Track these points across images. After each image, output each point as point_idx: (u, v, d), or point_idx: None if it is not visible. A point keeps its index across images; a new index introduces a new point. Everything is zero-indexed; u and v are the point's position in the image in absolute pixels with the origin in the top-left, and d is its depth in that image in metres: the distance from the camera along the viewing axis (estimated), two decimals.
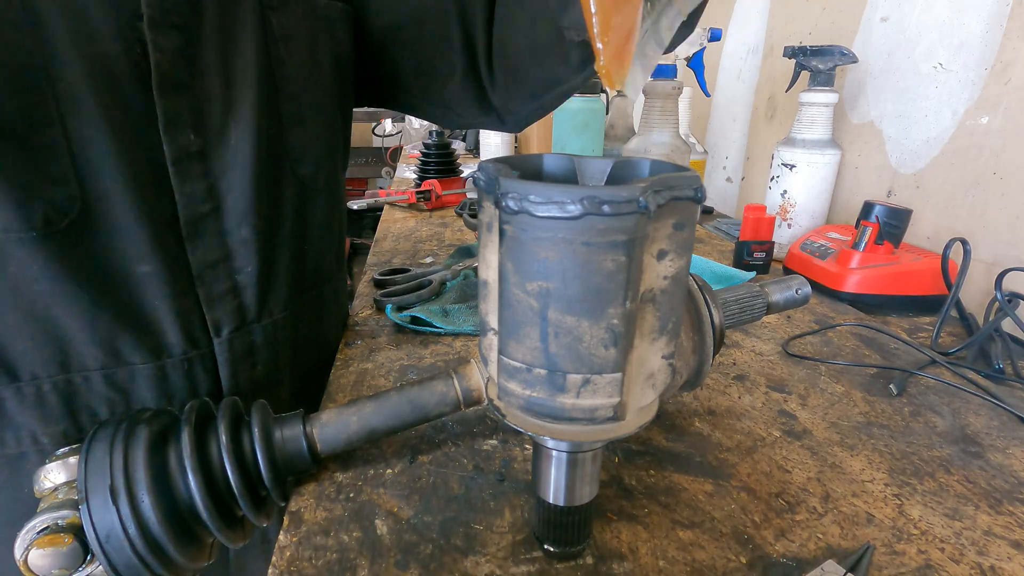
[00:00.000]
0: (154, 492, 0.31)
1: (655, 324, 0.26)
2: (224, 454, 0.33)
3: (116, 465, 0.31)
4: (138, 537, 0.30)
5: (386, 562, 0.32)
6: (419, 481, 0.39)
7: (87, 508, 0.30)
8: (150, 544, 0.31)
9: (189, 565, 0.33)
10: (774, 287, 0.45)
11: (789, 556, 0.33)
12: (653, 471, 0.40)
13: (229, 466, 0.33)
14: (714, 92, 1.30)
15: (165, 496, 0.31)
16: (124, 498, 0.30)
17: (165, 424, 0.34)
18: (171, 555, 0.31)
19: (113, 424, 0.33)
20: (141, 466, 0.31)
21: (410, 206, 1.18)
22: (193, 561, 0.33)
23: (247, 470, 0.34)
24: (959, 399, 0.51)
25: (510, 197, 0.23)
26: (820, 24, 0.96)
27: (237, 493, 0.33)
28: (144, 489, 0.31)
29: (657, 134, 0.90)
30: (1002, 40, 0.65)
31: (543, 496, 0.31)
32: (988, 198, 0.68)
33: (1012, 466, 0.42)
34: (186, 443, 0.32)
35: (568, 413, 0.26)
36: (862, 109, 0.87)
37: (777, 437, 0.45)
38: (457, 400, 0.39)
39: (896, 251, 0.70)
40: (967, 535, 0.35)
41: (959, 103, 0.71)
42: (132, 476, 0.31)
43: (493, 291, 0.26)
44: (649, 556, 0.33)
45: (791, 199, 0.86)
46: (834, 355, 0.58)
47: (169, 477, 0.32)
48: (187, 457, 0.32)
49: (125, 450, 0.31)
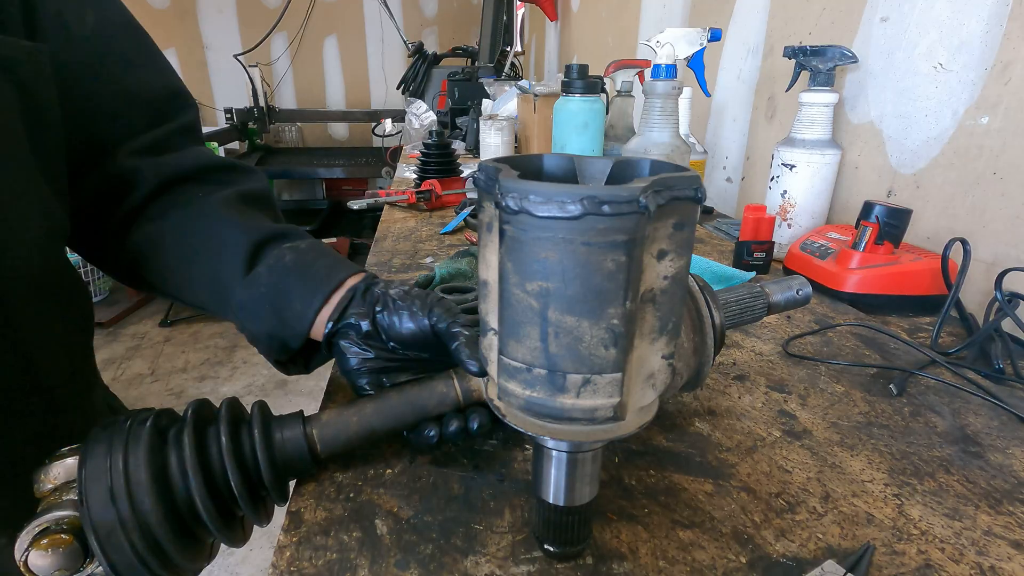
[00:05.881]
0: (154, 493, 0.31)
1: (655, 324, 0.26)
2: (224, 454, 0.33)
3: (115, 466, 0.31)
4: (138, 538, 0.30)
5: (386, 562, 0.32)
6: (419, 481, 0.39)
7: (86, 509, 0.30)
8: (150, 544, 0.31)
9: (189, 565, 0.33)
10: (775, 287, 0.45)
11: (789, 556, 0.33)
12: (653, 471, 0.40)
13: (229, 466, 0.33)
14: (714, 92, 1.30)
15: (165, 497, 0.31)
16: (124, 499, 0.30)
17: (165, 424, 0.34)
18: (171, 555, 0.31)
19: (112, 425, 0.33)
20: (141, 466, 0.31)
21: (410, 206, 1.18)
22: (193, 561, 0.33)
23: (247, 470, 0.34)
24: (959, 399, 0.51)
25: (510, 197, 0.23)
26: (820, 24, 0.96)
27: (237, 493, 0.33)
28: (144, 490, 0.31)
29: (657, 134, 0.90)
30: (1002, 40, 0.65)
31: (543, 496, 0.31)
32: (988, 198, 0.68)
33: (1012, 466, 0.42)
34: (187, 443, 0.32)
35: (568, 413, 0.26)
36: (862, 109, 0.87)
37: (777, 437, 0.45)
38: (457, 400, 0.39)
39: (896, 251, 0.70)
40: (967, 535, 0.35)
41: (959, 103, 0.71)
42: (132, 477, 0.31)
43: (493, 291, 0.26)
44: (649, 556, 0.33)
45: (791, 199, 0.85)
46: (834, 355, 0.58)
47: (169, 477, 0.32)
48: (188, 457, 0.32)
49: (125, 451, 0.31)
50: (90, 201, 0.46)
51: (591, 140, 0.99)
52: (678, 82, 0.89)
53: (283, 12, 3.55)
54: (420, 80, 2.81)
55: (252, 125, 3.57)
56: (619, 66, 1.22)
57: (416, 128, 2.16)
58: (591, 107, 0.97)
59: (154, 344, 2.79)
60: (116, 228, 0.47)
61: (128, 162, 0.46)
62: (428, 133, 1.35)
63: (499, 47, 2.58)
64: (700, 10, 1.38)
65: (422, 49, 2.87)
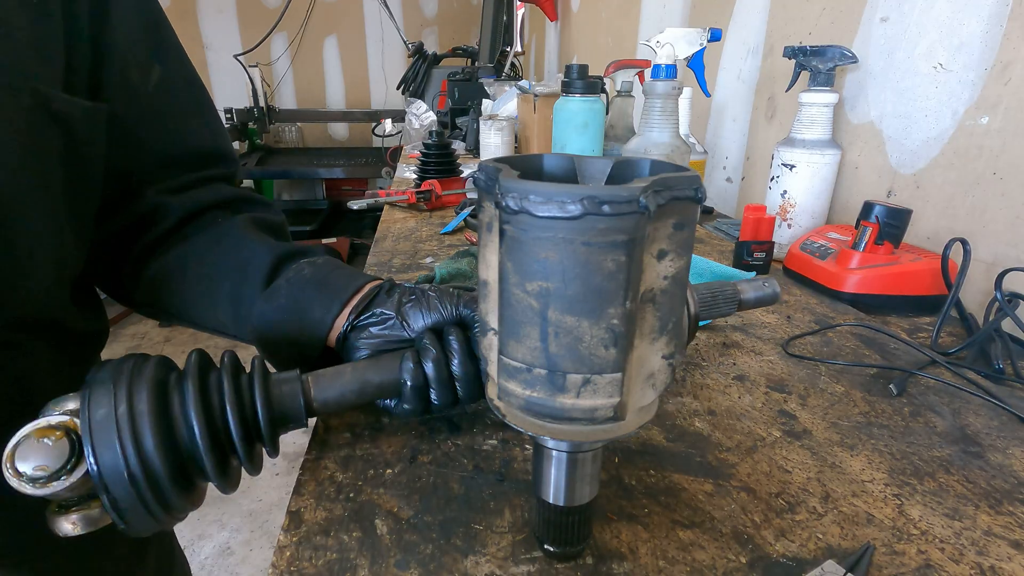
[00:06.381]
0: (155, 428, 0.30)
1: (655, 324, 0.26)
2: (227, 401, 0.33)
3: (120, 397, 0.30)
4: (139, 470, 0.29)
5: (386, 562, 0.32)
6: (419, 481, 0.39)
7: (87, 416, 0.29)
8: (150, 479, 0.30)
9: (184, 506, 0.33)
10: (746, 285, 0.46)
11: (789, 556, 0.33)
12: (653, 471, 0.40)
13: (231, 412, 0.33)
14: (714, 92, 1.30)
15: (167, 435, 0.31)
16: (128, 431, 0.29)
17: (166, 371, 0.34)
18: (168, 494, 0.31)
19: (116, 363, 0.33)
20: (145, 402, 0.31)
21: (410, 206, 1.18)
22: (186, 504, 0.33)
23: (246, 418, 0.34)
24: (959, 399, 0.51)
25: (510, 197, 0.23)
26: (820, 24, 0.96)
27: (236, 438, 0.33)
28: (146, 423, 0.30)
29: (657, 134, 0.90)
30: (1002, 40, 0.65)
31: (543, 496, 0.31)
32: (988, 198, 0.68)
33: (1012, 466, 0.42)
34: (190, 388, 0.32)
35: (568, 413, 0.26)
36: (862, 109, 0.87)
37: (777, 437, 0.45)
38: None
39: (896, 251, 0.70)
40: (967, 535, 0.35)
41: (959, 103, 0.71)
42: (135, 410, 0.30)
43: (493, 291, 0.26)
44: (649, 556, 0.33)
45: (791, 199, 0.86)
46: (834, 355, 0.58)
47: (171, 418, 0.32)
48: (192, 400, 0.32)
49: (129, 387, 0.31)
50: (114, 235, 0.47)
51: (591, 140, 0.99)
52: (678, 82, 0.89)
53: (283, 12, 3.54)
54: (420, 80, 2.81)
55: (252, 125, 3.57)
56: (619, 66, 1.22)
57: (416, 128, 2.16)
58: (591, 107, 0.97)
59: (154, 344, 2.79)
60: (137, 259, 0.47)
61: (156, 199, 0.46)
62: (428, 133, 1.35)
63: (499, 47, 2.58)
64: (700, 10, 1.38)
65: (422, 49, 2.87)
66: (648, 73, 0.94)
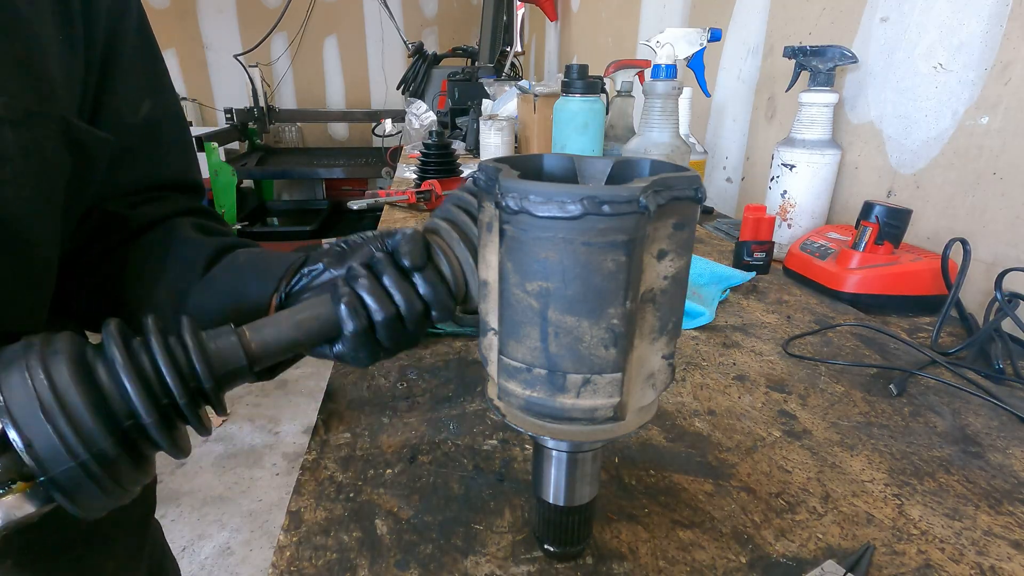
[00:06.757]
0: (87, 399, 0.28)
1: (655, 324, 0.26)
2: (157, 355, 0.31)
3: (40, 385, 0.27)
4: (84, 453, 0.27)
5: (386, 562, 0.32)
6: (419, 481, 0.39)
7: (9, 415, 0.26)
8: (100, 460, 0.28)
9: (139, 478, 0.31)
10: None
11: (789, 556, 0.33)
12: (653, 471, 0.40)
13: (166, 369, 0.30)
14: (714, 92, 1.30)
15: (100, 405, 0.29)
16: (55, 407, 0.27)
17: (80, 344, 0.31)
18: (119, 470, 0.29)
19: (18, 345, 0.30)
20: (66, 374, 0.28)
21: (410, 206, 1.18)
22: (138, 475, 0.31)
23: (182, 372, 0.32)
24: (959, 399, 0.51)
25: (510, 197, 0.23)
26: (820, 24, 0.96)
27: (177, 395, 0.31)
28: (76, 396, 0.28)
29: (657, 134, 0.90)
30: (1002, 40, 0.65)
31: (543, 496, 0.31)
32: (988, 198, 0.68)
33: (1012, 466, 0.42)
34: (117, 351, 0.30)
35: (568, 413, 0.26)
36: (862, 109, 0.87)
37: (777, 437, 0.45)
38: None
39: (896, 251, 0.70)
40: (967, 535, 0.35)
41: (959, 103, 0.71)
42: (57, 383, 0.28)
43: (493, 291, 0.26)
44: (649, 556, 0.33)
45: (791, 199, 0.86)
46: (834, 355, 0.58)
47: (100, 386, 0.29)
48: (120, 364, 0.29)
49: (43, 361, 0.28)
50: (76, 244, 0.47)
51: (591, 140, 0.99)
52: (678, 82, 0.89)
53: (283, 12, 3.54)
54: (420, 80, 2.81)
55: (252, 125, 3.57)
56: (619, 66, 1.22)
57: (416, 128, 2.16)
58: (591, 107, 0.97)
59: None
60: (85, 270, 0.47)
61: (114, 210, 0.47)
62: (428, 133, 1.34)
63: (499, 47, 2.58)
64: (700, 10, 1.38)
65: (422, 49, 2.87)
66: (648, 73, 0.94)
